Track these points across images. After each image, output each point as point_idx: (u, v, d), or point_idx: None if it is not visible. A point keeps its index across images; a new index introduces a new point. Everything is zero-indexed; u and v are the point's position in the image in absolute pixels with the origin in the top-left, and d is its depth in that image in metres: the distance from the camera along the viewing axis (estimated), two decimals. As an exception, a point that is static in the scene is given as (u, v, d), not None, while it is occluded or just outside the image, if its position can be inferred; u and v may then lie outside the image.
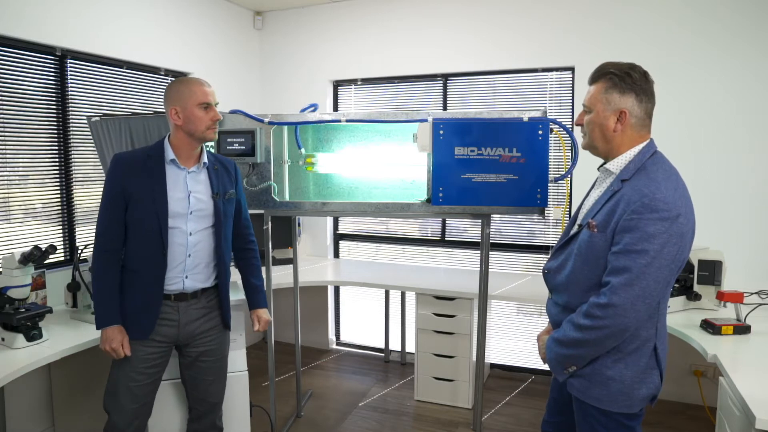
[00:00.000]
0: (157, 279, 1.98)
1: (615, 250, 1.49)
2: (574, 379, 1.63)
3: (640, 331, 1.55)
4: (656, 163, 1.55)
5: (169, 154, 1.99)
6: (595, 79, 1.61)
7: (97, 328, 1.98)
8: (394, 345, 4.21)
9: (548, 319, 1.83)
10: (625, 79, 1.54)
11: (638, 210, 1.45)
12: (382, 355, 4.24)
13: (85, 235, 3.09)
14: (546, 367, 1.90)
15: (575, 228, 1.67)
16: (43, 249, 2.33)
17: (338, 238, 4.46)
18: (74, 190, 3.05)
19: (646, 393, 1.58)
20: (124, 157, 2.01)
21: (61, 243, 3.00)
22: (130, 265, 2.00)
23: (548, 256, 1.82)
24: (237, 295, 2.42)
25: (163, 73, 3.61)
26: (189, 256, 2.02)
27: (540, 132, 2.32)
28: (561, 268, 1.68)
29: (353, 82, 4.22)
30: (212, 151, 2.92)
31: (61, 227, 3.01)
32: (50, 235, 2.95)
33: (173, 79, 3.74)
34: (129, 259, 2.00)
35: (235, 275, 2.34)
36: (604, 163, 1.65)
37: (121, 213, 1.96)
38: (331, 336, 4.49)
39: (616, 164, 1.59)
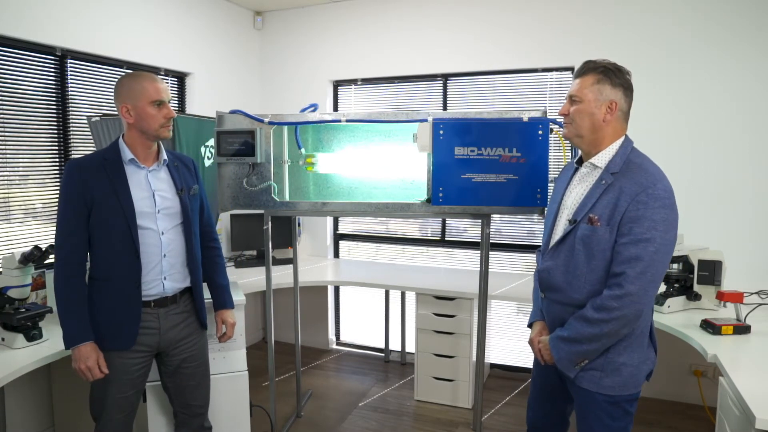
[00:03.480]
0: (133, 283, 1.90)
1: (624, 241, 1.55)
2: (584, 372, 1.66)
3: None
4: (640, 156, 1.64)
5: (127, 154, 1.92)
6: (584, 72, 1.66)
7: (67, 347, 1.86)
8: (394, 345, 4.21)
9: (535, 319, 1.86)
10: (617, 73, 1.62)
11: (643, 200, 1.53)
12: (382, 355, 4.25)
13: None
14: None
15: (566, 225, 1.68)
16: (43, 249, 2.33)
17: (338, 238, 4.46)
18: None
19: (646, 370, 1.69)
20: (79, 162, 1.91)
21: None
22: (100, 274, 1.91)
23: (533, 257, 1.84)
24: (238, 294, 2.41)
25: (163, 73, 3.61)
26: (164, 257, 1.96)
27: (540, 132, 2.32)
28: (561, 265, 1.70)
29: (353, 82, 4.22)
30: (210, 149, 2.93)
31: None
32: (50, 235, 2.93)
33: (173, 79, 3.75)
34: (97, 268, 1.91)
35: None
36: (579, 159, 1.74)
37: (84, 221, 1.87)
38: (331, 336, 4.49)
39: (601, 159, 1.65)
